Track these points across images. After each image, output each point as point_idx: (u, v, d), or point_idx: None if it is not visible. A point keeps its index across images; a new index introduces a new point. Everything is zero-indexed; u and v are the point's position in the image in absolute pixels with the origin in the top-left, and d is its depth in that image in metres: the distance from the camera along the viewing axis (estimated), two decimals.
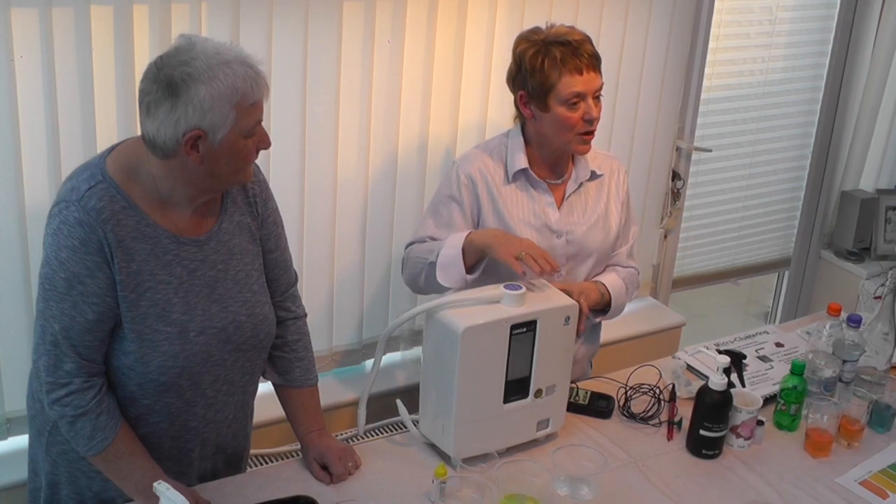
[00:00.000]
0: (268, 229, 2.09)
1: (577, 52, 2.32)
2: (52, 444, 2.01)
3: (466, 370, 2.07)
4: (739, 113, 3.78)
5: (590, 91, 2.34)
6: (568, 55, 2.31)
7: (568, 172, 2.50)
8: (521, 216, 2.44)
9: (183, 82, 1.75)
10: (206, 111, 1.76)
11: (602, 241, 2.52)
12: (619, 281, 2.53)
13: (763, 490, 2.18)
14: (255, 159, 1.92)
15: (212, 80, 1.75)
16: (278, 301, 2.15)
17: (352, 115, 2.76)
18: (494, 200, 2.43)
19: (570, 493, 2.07)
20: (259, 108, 1.85)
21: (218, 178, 1.87)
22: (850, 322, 2.48)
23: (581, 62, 2.31)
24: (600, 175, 2.52)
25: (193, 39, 1.81)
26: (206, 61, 1.76)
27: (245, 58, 1.81)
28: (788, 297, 4.34)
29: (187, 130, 1.77)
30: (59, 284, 1.82)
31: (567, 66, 2.31)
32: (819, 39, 3.86)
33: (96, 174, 1.85)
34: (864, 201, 4.09)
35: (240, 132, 1.82)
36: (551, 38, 2.34)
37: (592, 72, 2.34)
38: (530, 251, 2.21)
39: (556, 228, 2.45)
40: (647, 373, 2.52)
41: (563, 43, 2.32)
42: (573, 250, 2.48)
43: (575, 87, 2.32)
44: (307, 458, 2.15)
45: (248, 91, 1.79)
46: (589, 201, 2.51)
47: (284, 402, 2.21)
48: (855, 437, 2.35)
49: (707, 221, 3.90)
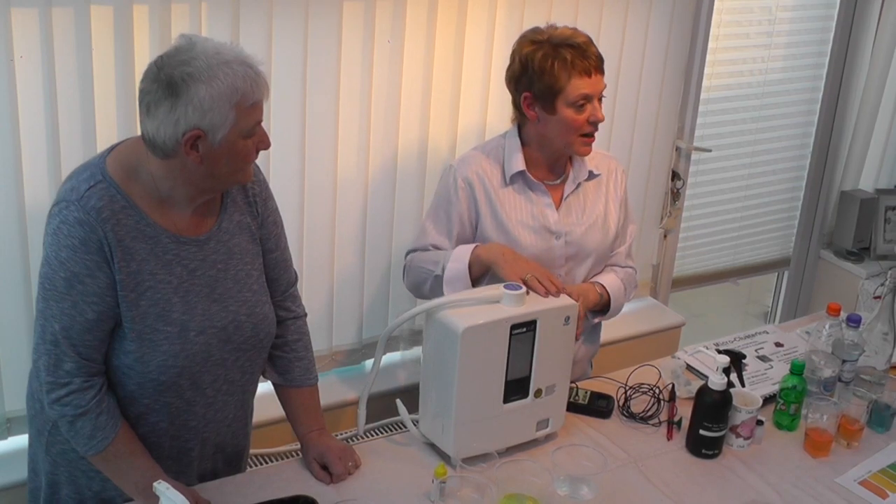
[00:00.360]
0: (268, 229, 2.09)
1: (586, 54, 2.32)
2: (51, 443, 2.01)
3: (466, 370, 2.07)
4: (739, 113, 3.78)
5: (596, 93, 2.35)
6: (577, 57, 2.31)
7: (566, 173, 2.49)
8: (520, 218, 2.43)
9: (183, 82, 1.75)
10: (206, 111, 1.76)
11: (601, 241, 2.51)
12: (617, 281, 2.53)
13: (763, 490, 2.18)
14: (255, 159, 1.92)
15: (212, 79, 1.75)
16: (278, 301, 2.16)
17: (352, 116, 2.76)
18: (492, 203, 2.43)
19: (570, 492, 2.07)
20: (259, 108, 1.85)
21: (217, 178, 1.88)
22: (849, 322, 2.48)
23: (590, 64, 2.32)
24: (598, 175, 2.52)
25: (194, 39, 1.81)
26: (207, 61, 1.76)
27: (245, 58, 1.81)
28: (788, 296, 4.34)
29: (187, 130, 1.77)
30: (59, 284, 1.82)
31: (577, 68, 2.31)
32: (818, 39, 3.87)
33: (96, 174, 1.85)
34: (863, 201, 4.09)
35: (239, 132, 1.82)
36: (558, 40, 2.33)
37: (599, 74, 2.35)
38: (536, 273, 2.22)
39: (555, 230, 2.45)
40: (647, 372, 2.52)
41: (572, 45, 2.32)
42: (572, 251, 2.48)
43: (583, 90, 2.32)
44: (307, 457, 2.15)
45: (248, 91, 1.79)
46: (587, 202, 2.51)
47: (284, 402, 2.21)
48: (854, 436, 2.35)
49: (707, 221, 3.90)
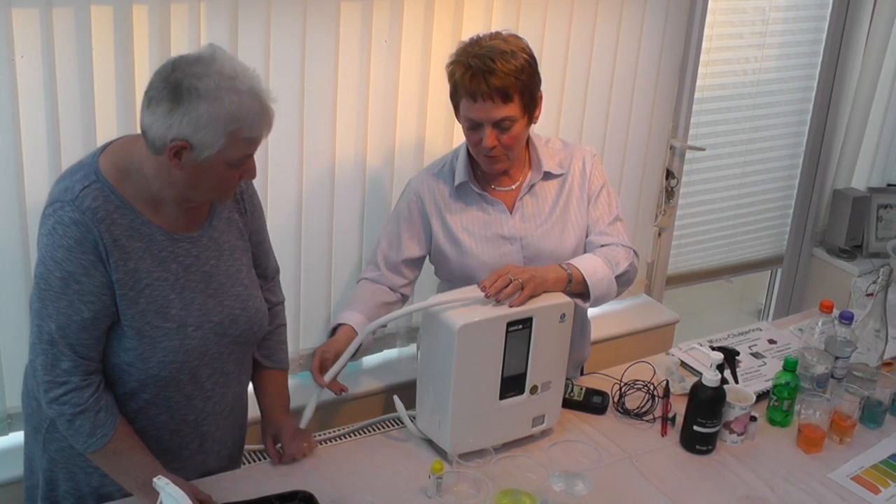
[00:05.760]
0: (255, 223, 2.12)
1: (479, 78, 2.18)
2: (49, 440, 2.02)
3: (463, 367, 2.09)
4: (733, 112, 3.80)
5: (486, 120, 2.21)
6: (467, 78, 2.19)
7: (523, 177, 2.41)
8: (471, 229, 2.38)
9: (188, 93, 1.74)
10: (200, 128, 1.76)
11: (558, 242, 2.40)
12: (591, 258, 2.35)
13: (756, 485, 2.20)
14: (236, 187, 1.92)
15: (215, 101, 1.75)
16: (269, 287, 2.21)
17: (349, 115, 2.76)
18: (442, 216, 2.40)
19: (566, 488, 2.08)
20: (254, 143, 1.84)
21: (196, 191, 1.87)
22: (842, 319, 2.49)
23: (477, 89, 2.18)
24: (558, 175, 2.42)
25: (217, 55, 1.79)
26: (218, 82, 1.75)
27: (259, 92, 1.80)
28: (781, 294, 4.36)
29: (176, 138, 1.77)
30: (54, 284, 1.83)
31: (464, 88, 2.20)
32: (811, 39, 3.88)
33: (90, 174, 1.85)
34: (855, 199, 4.11)
35: (225, 159, 1.81)
36: (471, 53, 2.21)
37: (490, 101, 2.19)
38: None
39: (509, 235, 2.38)
40: (642, 369, 2.53)
41: (471, 65, 2.19)
42: (529, 254, 2.39)
43: (469, 113, 2.22)
44: (264, 433, 2.20)
45: (247, 124, 1.79)
46: (546, 203, 2.42)
47: (257, 380, 2.24)
48: (847, 432, 2.37)
49: (701, 219, 3.92)
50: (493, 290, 2.11)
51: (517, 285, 2.12)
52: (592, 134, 3.30)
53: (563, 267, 2.28)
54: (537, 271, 2.21)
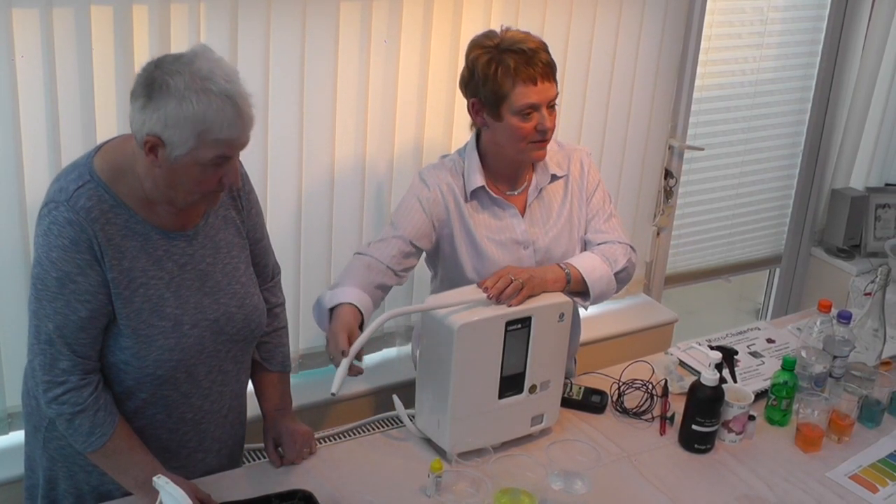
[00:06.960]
0: (253, 220, 2.11)
1: (532, 61, 2.21)
2: (48, 440, 2.03)
3: (462, 366, 2.09)
4: (731, 112, 3.80)
5: (543, 101, 2.23)
6: (521, 64, 2.21)
7: (528, 180, 2.41)
8: (488, 234, 2.36)
9: (159, 89, 1.74)
10: (168, 125, 1.75)
11: (567, 245, 2.42)
12: (589, 256, 2.37)
13: (754, 484, 2.20)
14: (220, 191, 1.89)
15: (182, 100, 1.74)
16: (269, 287, 2.20)
17: (348, 115, 2.77)
18: (464, 220, 2.36)
19: (564, 487, 2.09)
20: (229, 145, 1.81)
21: (175, 191, 1.86)
22: (840, 318, 2.49)
23: (535, 72, 2.21)
24: (561, 176, 2.43)
25: (200, 55, 1.78)
26: (189, 82, 1.74)
27: (232, 95, 1.77)
28: (779, 293, 4.36)
29: (149, 133, 1.77)
30: (51, 284, 1.83)
31: (521, 75, 2.20)
32: (809, 40, 3.89)
33: (84, 174, 1.86)
34: (854, 199, 4.11)
35: (196, 160, 1.80)
36: (505, 45, 2.23)
37: (546, 82, 2.23)
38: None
39: (522, 239, 2.38)
40: (640, 368, 2.54)
41: (517, 51, 2.21)
42: (541, 258, 2.40)
43: (529, 98, 2.22)
44: (265, 436, 2.20)
45: (216, 126, 1.77)
46: (553, 206, 2.42)
47: (257, 382, 2.24)
48: (845, 431, 2.37)
49: (699, 219, 3.92)
50: (496, 291, 2.12)
51: (517, 285, 2.13)
52: (591, 134, 3.31)
53: (562, 266, 2.30)
54: (536, 271, 2.23)
